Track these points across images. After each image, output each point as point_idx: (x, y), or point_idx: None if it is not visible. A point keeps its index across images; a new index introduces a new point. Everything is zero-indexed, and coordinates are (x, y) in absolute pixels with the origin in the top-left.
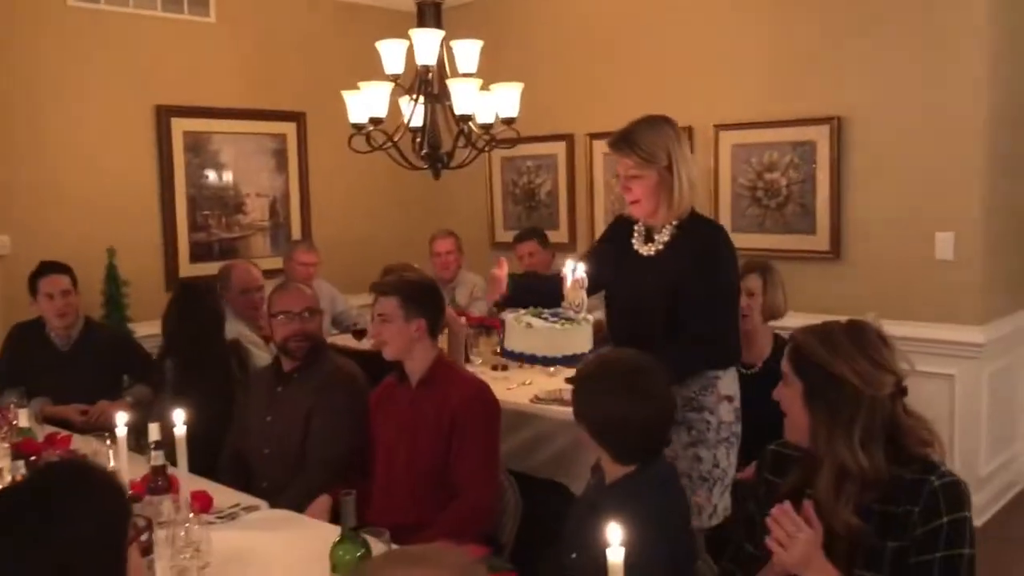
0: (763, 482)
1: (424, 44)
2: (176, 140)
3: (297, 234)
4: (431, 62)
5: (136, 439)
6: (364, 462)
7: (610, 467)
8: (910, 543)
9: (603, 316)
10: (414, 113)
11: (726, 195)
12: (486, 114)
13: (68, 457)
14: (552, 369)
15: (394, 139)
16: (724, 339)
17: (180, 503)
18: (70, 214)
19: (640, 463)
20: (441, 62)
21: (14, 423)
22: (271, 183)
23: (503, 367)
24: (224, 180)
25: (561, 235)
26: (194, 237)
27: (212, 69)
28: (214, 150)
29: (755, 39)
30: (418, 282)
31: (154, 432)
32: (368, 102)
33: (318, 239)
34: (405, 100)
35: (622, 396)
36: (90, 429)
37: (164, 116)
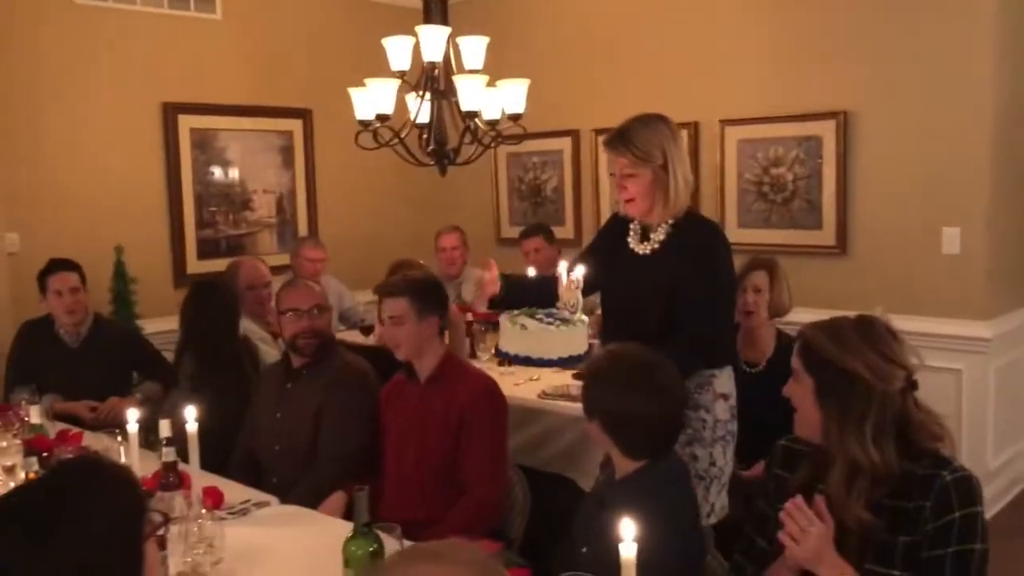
0: (773, 477)
1: (430, 40)
2: (183, 137)
3: (304, 231)
4: (437, 58)
5: (146, 436)
6: (374, 459)
7: (621, 462)
8: (922, 538)
9: None
10: (420, 109)
11: (732, 190)
12: (492, 110)
13: (82, 454)
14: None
15: (401, 135)
16: (720, 338)
17: (192, 499)
18: (78, 212)
19: (651, 458)
20: (447, 58)
21: (26, 420)
22: (278, 180)
23: (509, 362)
24: (231, 177)
25: (567, 231)
26: (201, 234)
27: (218, 66)
28: (221, 147)
29: (761, 34)
30: (425, 280)
31: (165, 428)
32: (375, 99)
33: (324, 235)
34: (412, 96)
35: (635, 391)
36: (100, 425)
37: (171, 113)
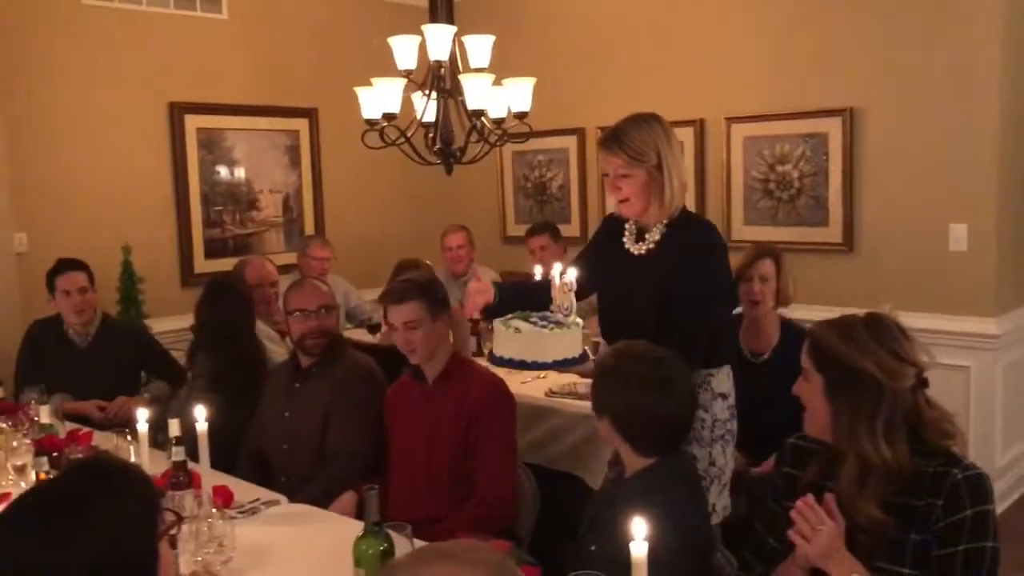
0: (783, 476)
1: (436, 39)
2: (189, 137)
3: (310, 230)
4: (443, 57)
5: (155, 435)
6: (380, 459)
7: (631, 460)
8: (932, 536)
9: None
10: (427, 108)
11: (738, 188)
12: (498, 109)
13: (95, 454)
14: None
15: (407, 134)
16: (718, 338)
17: (202, 498)
18: (85, 211)
19: (660, 456)
20: (453, 57)
21: (36, 419)
22: (284, 179)
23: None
24: (237, 176)
25: (572, 229)
26: (208, 233)
27: (225, 66)
28: (227, 146)
29: (766, 31)
30: (429, 280)
31: (175, 427)
32: (381, 98)
33: (331, 235)
34: (418, 96)
35: (646, 388)
36: (109, 425)
37: (177, 113)
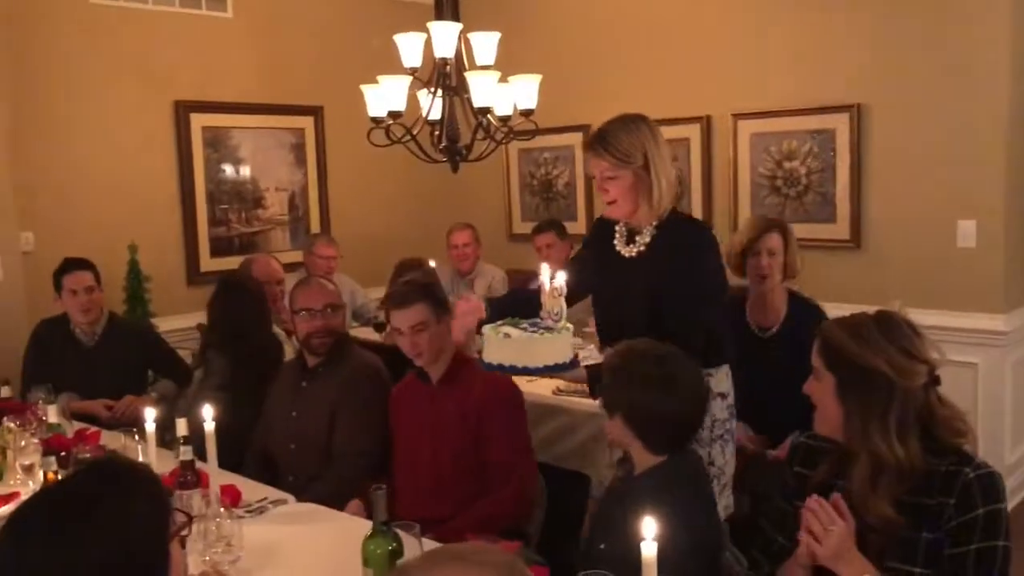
0: (792, 475)
1: (442, 37)
2: (195, 135)
3: (316, 228)
4: (449, 55)
5: (162, 434)
6: (387, 458)
7: (642, 458)
8: (944, 535)
9: None
10: (432, 106)
11: (745, 184)
12: (504, 106)
13: (104, 455)
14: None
15: (413, 132)
16: (716, 337)
17: (210, 498)
18: (92, 210)
19: (670, 453)
20: (459, 54)
21: (43, 419)
22: (290, 177)
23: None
24: (243, 175)
25: (579, 226)
26: (214, 232)
27: (230, 64)
28: (233, 145)
29: (773, 27)
30: (430, 282)
31: (182, 427)
32: (387, 96)
33: (336, 233)
34: (423, 93)
35: (659, 384)
36: (116, 424)
37: (183, 112)
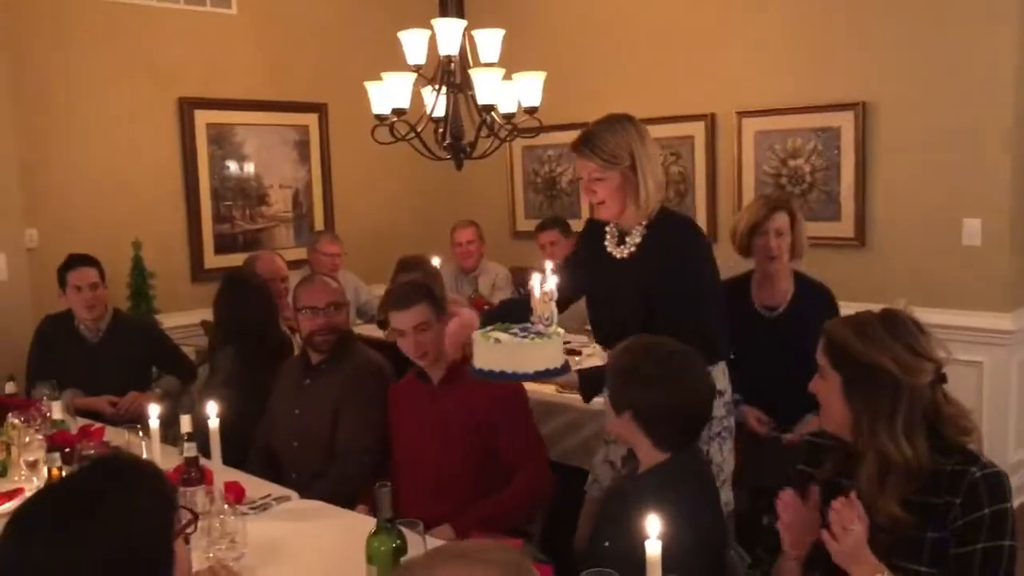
0: (797, 473)
1: (446, 34)
2: (199, 132)
3: (320, 225)
4: (453, 52)
5: (165, 431)
6: (385, 457)
7: (648, 455)
8: (950, 534)
9: None
10: (436, 103)
11: (749, 182)
12: (509, 103)
13: (108, 452)
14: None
15: (417, 129)
16: (711, 336)
17: (214, 494)
18: (96, 207)
19: (674, 451)
20: (463, 52)
21: (48, 415)
22: (294, 174)
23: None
24: (247, 172)
25: (582, 224)
26: (218, 229)
27: (234, 61)
28: (237, 142)
29: (778, 24)
30: (426, 282)
31: (186, 423)
32: (391, 93)
33: (340, 230)
34: (428, 90)
35: (668, 382)
36: (120, 420)
37: (187, 108)
